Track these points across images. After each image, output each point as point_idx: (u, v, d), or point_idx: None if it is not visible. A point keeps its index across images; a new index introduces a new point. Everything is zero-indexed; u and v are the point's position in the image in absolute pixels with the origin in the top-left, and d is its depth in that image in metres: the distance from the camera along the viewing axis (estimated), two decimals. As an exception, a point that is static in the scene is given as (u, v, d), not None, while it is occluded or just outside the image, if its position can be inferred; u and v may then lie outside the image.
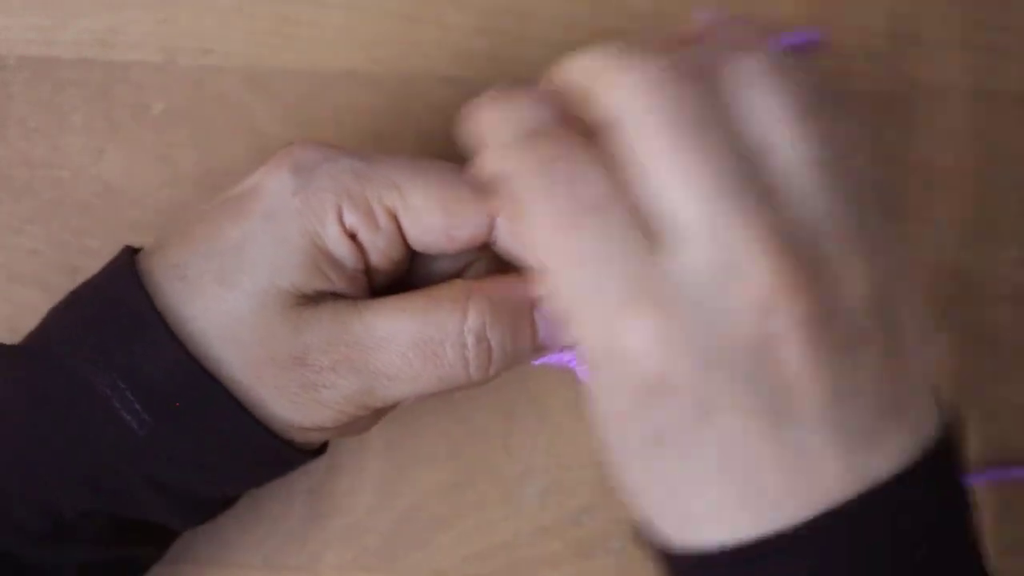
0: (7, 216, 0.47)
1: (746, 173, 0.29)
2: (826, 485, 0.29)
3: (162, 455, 0.36)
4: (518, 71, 0.48)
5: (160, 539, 0.42)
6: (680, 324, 0.29)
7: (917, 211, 0.48)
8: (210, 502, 0.40)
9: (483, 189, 0.36)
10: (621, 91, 0.30)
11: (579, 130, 0.31)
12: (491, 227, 0.37)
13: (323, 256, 0.36)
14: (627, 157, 0.30)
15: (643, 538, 0.33)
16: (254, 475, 0.40)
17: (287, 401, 0.36)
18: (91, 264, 0.46)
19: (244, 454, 0.37)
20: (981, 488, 0.47)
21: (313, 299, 0.36)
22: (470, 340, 0.36)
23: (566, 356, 0.39)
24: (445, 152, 0.47)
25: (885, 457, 0.29)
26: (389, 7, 0.48)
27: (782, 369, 0.29)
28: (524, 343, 0.37)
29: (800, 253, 0.29)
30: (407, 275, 0.39)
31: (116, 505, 0.38)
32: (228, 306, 0.35)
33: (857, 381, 0.29)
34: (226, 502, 0.42)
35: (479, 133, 0.34)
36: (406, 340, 0.36)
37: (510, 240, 0.37)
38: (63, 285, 0.46)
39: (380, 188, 0.36)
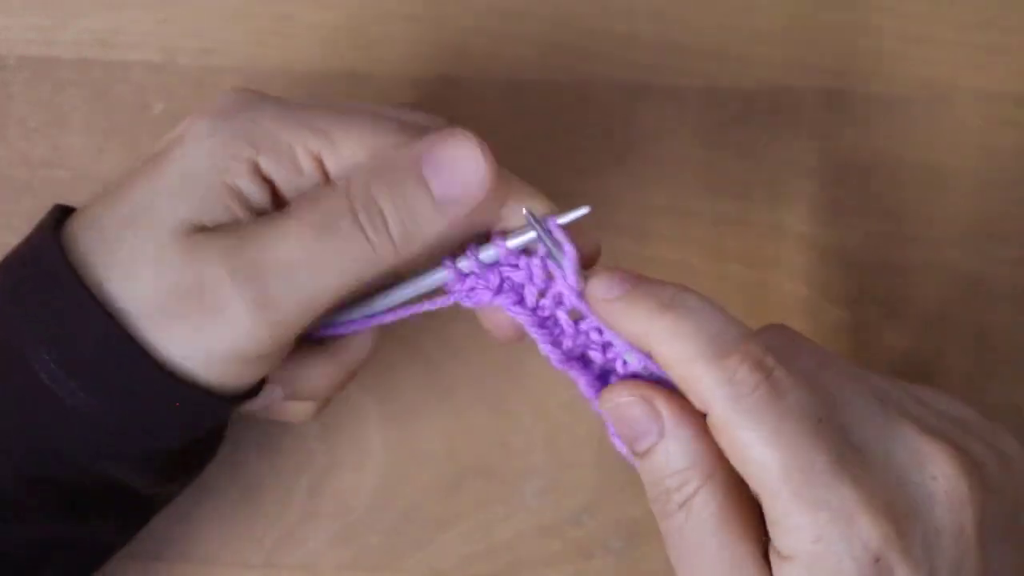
0: (7, 216, 0.47)
1: (889, 398, 0.34)
2: None
3: (89, 418, 0.35)
4: (517, 72, 0.48)
5: (121, 512, 0.40)
6: (906, 512, 0.32)
7: (917, 211, 0.48)
8: (158, 454, 0.38)
9: (411, 132, 0.36)
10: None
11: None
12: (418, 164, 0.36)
13: (229, 192, 0.35)
14: None
15: None
16: (190, 423, 0.38)
17: (201, 335, 0.35)
18: (91, 264, 0.46)
19: (165, 404, 0.36)
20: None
21: (211, 229, 0.35)
22: (359, 206, 0.35)
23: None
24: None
25: None
26: (389, 7, 0.48)
27: (969, 552, 0.32)
28: (420, 200, 0.36)
29: (971, 458, 0.33)
30: None
31: (58, 470, 0.36)
32: (131, 246, 0.35)
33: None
34: (177, 457, 0.39)
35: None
36: (297, 226, 0.35)
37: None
38: (63, 285, 0.46)
39: (304, 133, 0.35)
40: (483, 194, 0.36)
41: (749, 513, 0.33)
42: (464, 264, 0.37)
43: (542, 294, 0.37)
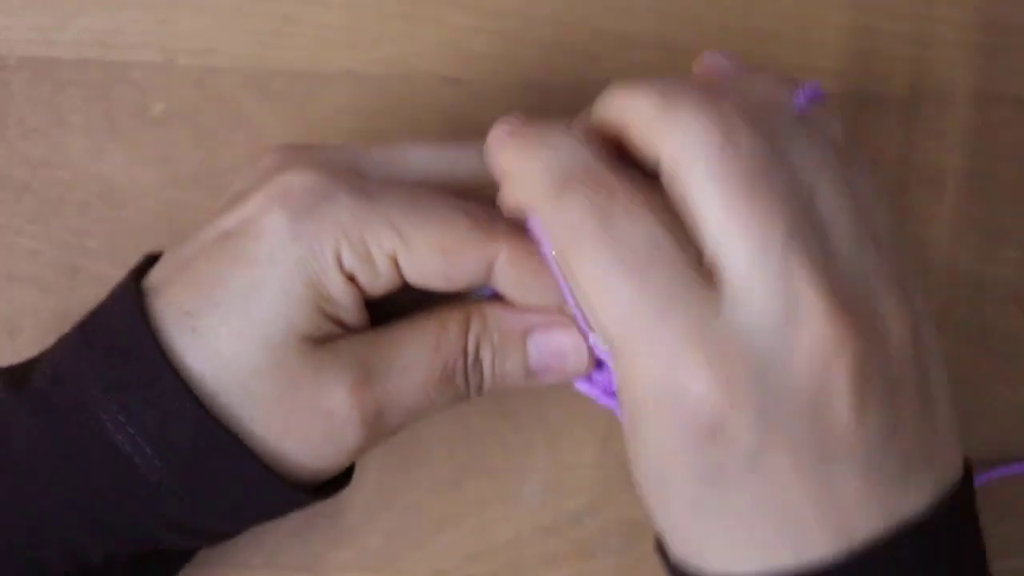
0: (7, 216, 0.47)
1: (804, 221, 0.30)
2: (862, 524, 0.31)
3: (187, 510, 0.36)
4: (518, 72, 0.48)
5: (178, 562, 0.42)
6: (742, 374, 0.30)
7: (917, 211, 0.48)
8: (230, 534, 0.41)
9: (485, 228, 0.36)
10: (676, 135, 0.30)
11: (618, 170, 0.32)
12: (490, 269, 0.36)
13: (326, 301, 0.35)
14: (682, 202, 0.31)
15: (671, 565, 0.34)
16: (274, 516, 0.40)
17: (309, 449, 0.36)
18: (91, 264, 0.46)
19: (267, 505, 0.38)
20: (981, 488, 0.47)
21: (325, 339, 0.36)
22: (470, 363, 0.37)
23: (596, 390, 0.38)
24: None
25: (916, 497, 0.31)
26: (389, 7, 0.48)
27: (833, 418, 0.30)
28: (517, 368, 0.38)
29: (854, 304, 0.30)
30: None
31: (139, 547, 0.38)
32: (243, 361, 0.35)
33: (896, 427, 0.31)
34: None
35: (506, 170, 0.34)
36: (426, 367, 0.36)
37: (509, 282, 0.37)
38: (63, 285, 0.46)
39: (379, 232, 0.35)
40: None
41: None
42: None
43: None
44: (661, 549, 0.35)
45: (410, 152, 0.38)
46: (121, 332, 0.36)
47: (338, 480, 0.41)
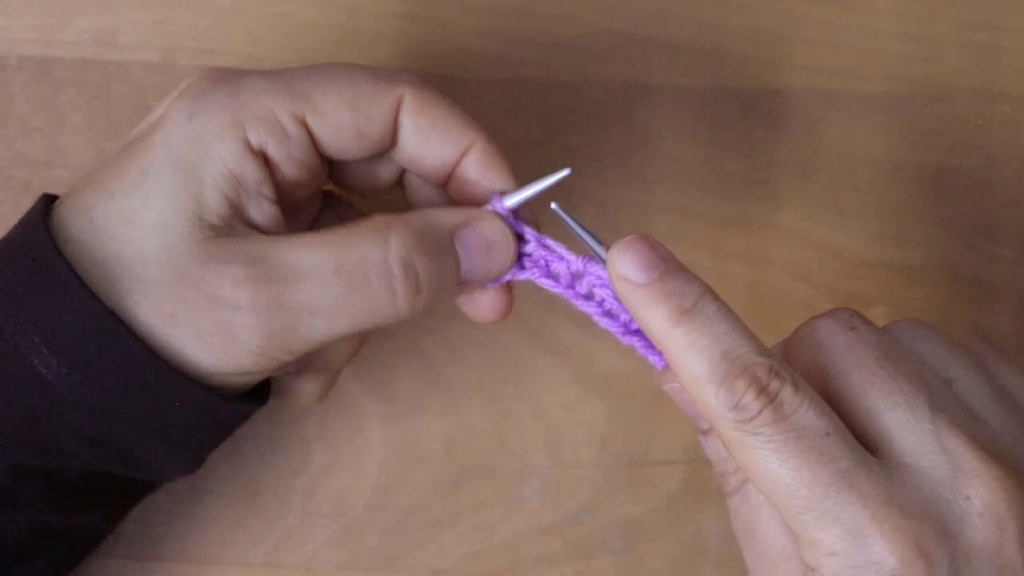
0: (7, 216, 0.47)
1: (945, 395, 0.34)
2: None
3: (84, 408, 0.35)
4: (517, 71, 0.48)
5: (110, 499, 0.40)
6: (931, 537, 0.31)
7: (917, 211, 0.48)
8: (153, 461, 0.38)
9: (385, 78, 0.36)
10: (829, 347, 0.35)
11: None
12: (396, 120, 0.36)
13: (227, 179, 0.35)
14: (840, 396, 0.34)
15: None
16: (186, 431, 0.37)
17: (202, 343, 0.35)
18: (91, 264, 0.46)
19: (163, 403, 0.36)
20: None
21: (223, 231, 0.35)
22: (396, 268, 0.35)
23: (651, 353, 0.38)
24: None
25: None
26: (389, 7, 0.48)
27: (1007, 563, 0.32)
28: (450, 273, 0.37)
29: (1006, 457, 0.33)
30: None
31: (51, 460, 0.36)
32: (135, 245, 0.34)
33: None
34: (176, 464, 0.39)
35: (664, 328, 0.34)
36: (328, 269, 0.35)
37: (418, 127, 0.37)
38: (63, 285, 0.46)
39: (285, 98, 0.35)
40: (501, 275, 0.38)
41: None
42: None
43: (577, 275, 0.38)
44: None
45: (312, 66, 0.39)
46: (21, 234, 0.36)
47: (254, 397, 0.39)
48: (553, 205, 0.36)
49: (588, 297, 0.37)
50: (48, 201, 0.37)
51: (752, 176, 0.48)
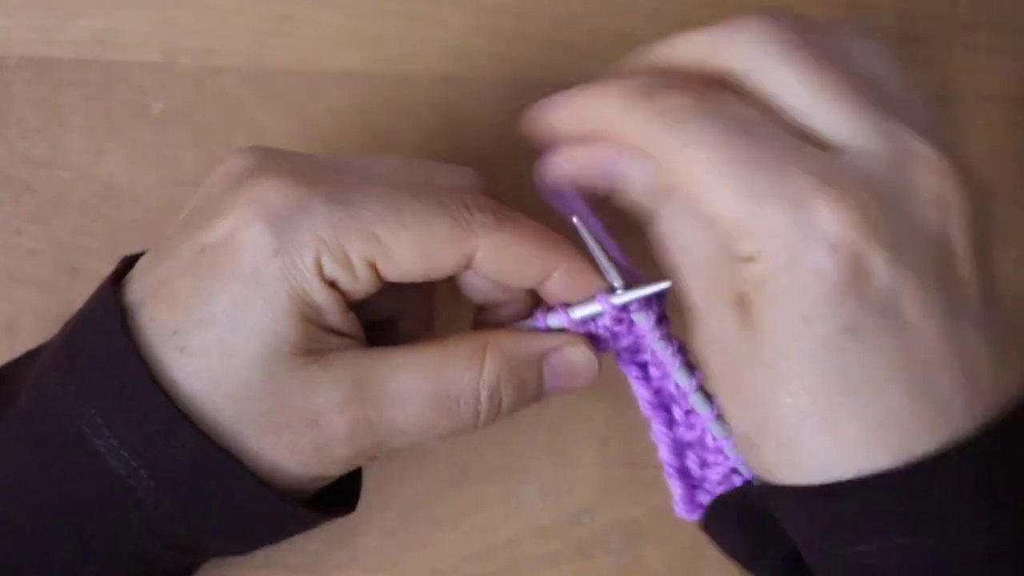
0: (7, 216, 0.47)
1: (878, 88, 0.33)
2: (984, 390, 0.31)
3: (183, 528, 0.36)
4: (517, 71, 0.48)
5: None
6: (872, 206, 0.30)
7: (917, 211, 0.48)
8: (233, 552, 0.41)
9: (463, 225, 0.36)
10: (752, 43, 0.33)
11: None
12: (470, 263, 0.36)
13: (312, 310, 0.35)
14: (764, 94, 0.33)
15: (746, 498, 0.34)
16: (277, 535, 0.40)
17: (299, 461, 0.36)
18: (91, 264, 0.46)
19: (265, 521, 0.38)
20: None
21: (315, 351, 0.36)
22: (483, 395, 0.37)
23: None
24: (444, 151, 0.47)
25: (1015, 374, 0.32)
26: (389, 7, 0.48)
27: (957, 265, 0.31)
28: (532, 395, 0.38)
29: (958, 169, 0.32)
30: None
31: (139, 569, 0.38)
32: (235, 379, 0.35)
33: (994, 293, 0.32)
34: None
35: (569, 116, 0.35)
36: (423, 398, 0.36)
37: (489, 272, 0.37)
38: (63, 285, 0.47)
39: (357, 238, 0.35)
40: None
41: None
42: (553, 321, 0.38)
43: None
44: (714, 512, 0.35)
45: (383, 161, 0.38)
46: (106, 352, 0.35)
47: (341, 499, 0.41)
48: (575, 219, 0.37)
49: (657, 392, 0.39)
50: (113, 286, 0.36)
51: (752, 176, 0.48)
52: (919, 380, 0.30)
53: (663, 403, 0.39)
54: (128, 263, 0.38)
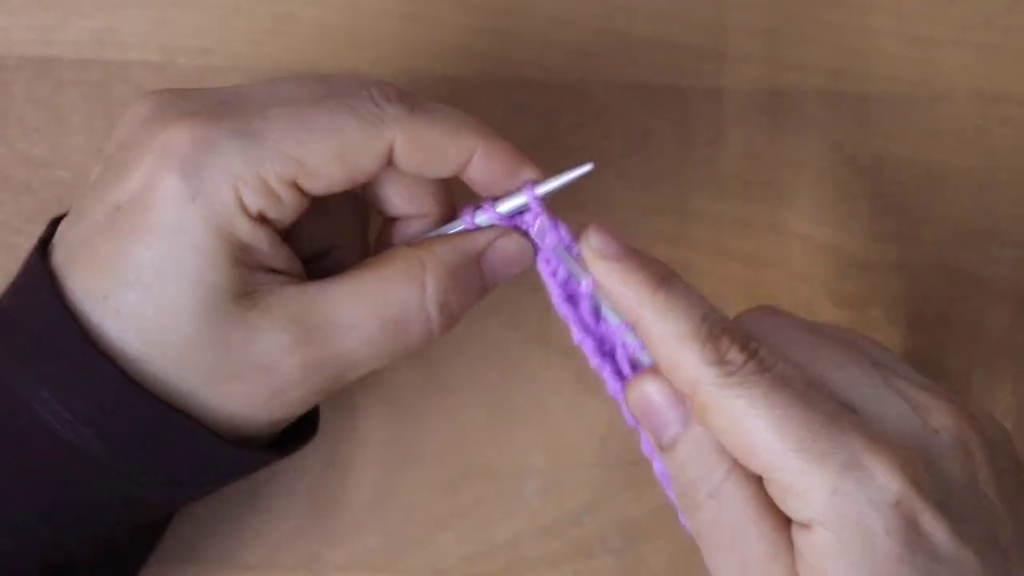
0: (7, 216, 0.47)
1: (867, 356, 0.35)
2: None
3: (143, 487, 0.36)
4: (517, 71, 0.48)
5: (136, 541, 0.42)
6: (919, 467, 0.32)
7: (917, 211, 0.48)
8: (200, 496, 0.40)
9: (374, 122, 0.35)
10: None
11: None
12: (389, 156, 0.35)
13: (242, 250, 0.34)
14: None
15: None
16: (239, 475, 0.39)
17: (256, 407, 0.36)
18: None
19: (228, 468, 0.37)
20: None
21: (253, 293, 0.35)
22: (433, 309, 0.36)
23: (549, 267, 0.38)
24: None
25: None
26: (389, 7, 0.48)
27: (986, 501, 0.32)
28: (477, 295, 0.38)
29: (971, 413, 0.34)
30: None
31: (108, 531, 0.38)
32: (174, 335, 0.34)
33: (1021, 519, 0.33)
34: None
35: (632, 302, 0.34)
36: (370, 326, 0.36)
37: (411, 163, 0.36)
38: (63, 285, 0.46)
39: (273, 163, 0.34)
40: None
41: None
42: (482, 219, 0.38)
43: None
44: None
45: (283, 82, 0.37)
46: (44, 323, 0.35)
47: (302, 432, 0.40)
48: (531, 191, 0.37)
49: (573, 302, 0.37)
50: (40, 253, 0.36)
51: (752, 176, 0.48)
52: None
53: (574, 301, 0.38)
54: (54, 224, 0.38)
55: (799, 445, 0.31)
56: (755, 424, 0.32)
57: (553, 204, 0.38)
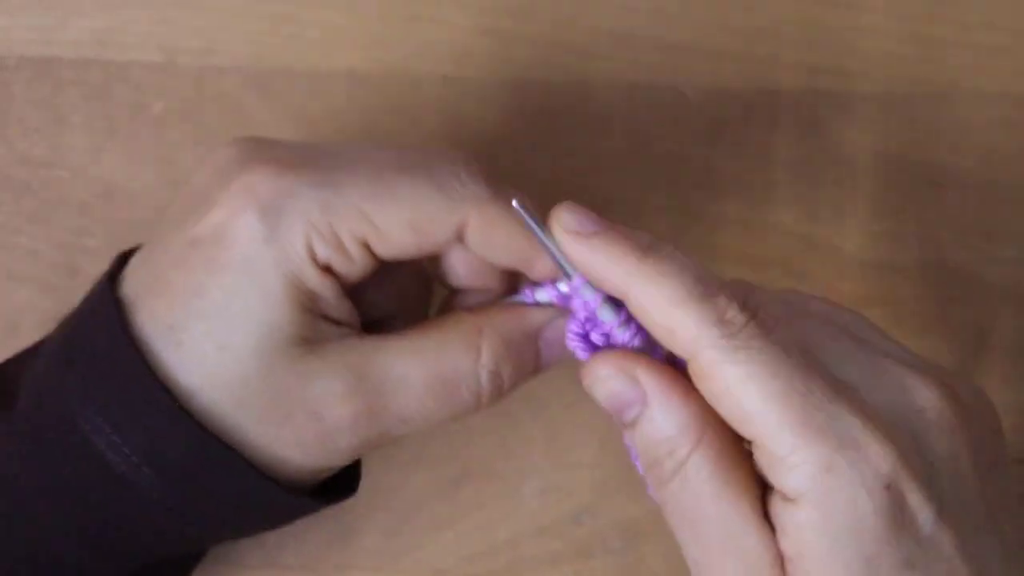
0: (7, 216, 0.47)
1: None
2: None
3: (187, 523, 0.36)
4: (517, 71, 0.48)
5: (190, 565, 0.43)
6: (909, 443, 0.31)
7: (917, 211, 0.48)
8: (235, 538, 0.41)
9: (453, 197, 0.35)
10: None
11: None
12: (461, 234, 0.36)
13: (307, 297, 0.35)
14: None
15: None
16: (279, 523, 0.40)
17: (303, 454, 0.36)
18: (91, 264, 0.46)
19: (269, 512, 0.38)
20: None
21: (313, 340, 0.35)
22: (483, 377, 0.37)
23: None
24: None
25: None
26: (389, 7, 0.48)
27: (966, 481, 0.32)
28: (531, 370, 0.38)
29: (955, 391, 0.34)
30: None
31: (143, 563, 0.38)
32: (233, 372, 0.35)
33: (1000, 500, 0.33)
34: None
35: (621, 270, 0.34)
36: (423, 384, 0.36)
37: (481, 245, 0.36)
38: (63, 285, 0.46)
39: (347, 219, 0.35)
40: None
41: (745, 471, 0.33)
42: (542, 296, 0.38)
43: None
44: None
45: (373, 147, 0.38)
46: (105, 349, 0.35)
47: (343, 487, 0.40)
48: (514, 203, 0.35)
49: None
50: (111, 282, 0.36)
51: (752, 176, 0.48)
52: None
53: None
54: (123, 259, 0.38)
55: (796, 418, 0.31)
56: (753, 392, 0.31)
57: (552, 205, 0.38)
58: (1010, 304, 0.48)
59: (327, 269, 0.35)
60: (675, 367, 0.35)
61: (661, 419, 0.34)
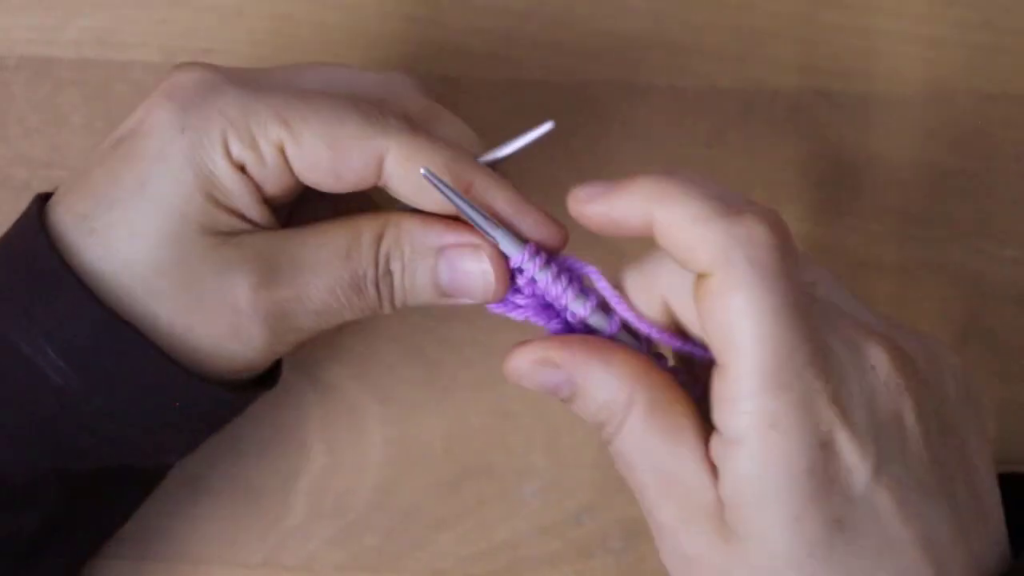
0: (7, 216, 0.47)
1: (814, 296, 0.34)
2: (953, 570, 0.32)
3: (100, 412, 0.36)
4: (517, 71, 0.48)
5: (121, 493, 0.41)
6: (848, 401, 0.31)
7: (917, 211, 0.48)
8: (159, 450, 0.40)
9: (374, 124, 0.35)
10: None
11: None
12: (379, 168, 0.36)
13: (219, 191, 0.35)
14: None
15: None
16: (198, 422, 0.39)
17: (217, 345, 0.36)
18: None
19: (183, 404, 0.37)
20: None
21: (227, 234, 0.36)
22: (380, 273, 0.37)
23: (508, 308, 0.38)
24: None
25: (994, 550, 0.33)
26: (389, 7, 0.48)
27: (912, 443, 0.32)
28: (425, 286, 0.37)
29: (905, 352, 0.33)
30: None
31: (71, 461, 0.37)
32: (144, 258, 0.35)
33: (953, 465, 0.33)
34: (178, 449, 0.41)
35: (641, 208, 0.33)
36: (332, 274, 0.36)
37: (400, 180, 0.36)
38: (63, 285, 0.46)
39: (265, 121, 0.35)
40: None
41: (684, 411, 0.33)
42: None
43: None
44: None
45: (307, 70, 0.38)
46: (20, 242, 0.36)
47: (262, 380, 0.40)
48: (422, 170, 0.35)
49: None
50: (42, 201, 0.37)
51: (752, 176, 0.48)
52: (890, 566, 0.31)
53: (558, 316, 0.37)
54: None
55: (769, 370, 0.30)
56: (747, 329, 0.30)
57: (552, 205, 0.38)
58: (1010, 304, 0.48)
59: (241, 168, 0.35)
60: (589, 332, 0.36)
61: (591, 392, 0.34)
